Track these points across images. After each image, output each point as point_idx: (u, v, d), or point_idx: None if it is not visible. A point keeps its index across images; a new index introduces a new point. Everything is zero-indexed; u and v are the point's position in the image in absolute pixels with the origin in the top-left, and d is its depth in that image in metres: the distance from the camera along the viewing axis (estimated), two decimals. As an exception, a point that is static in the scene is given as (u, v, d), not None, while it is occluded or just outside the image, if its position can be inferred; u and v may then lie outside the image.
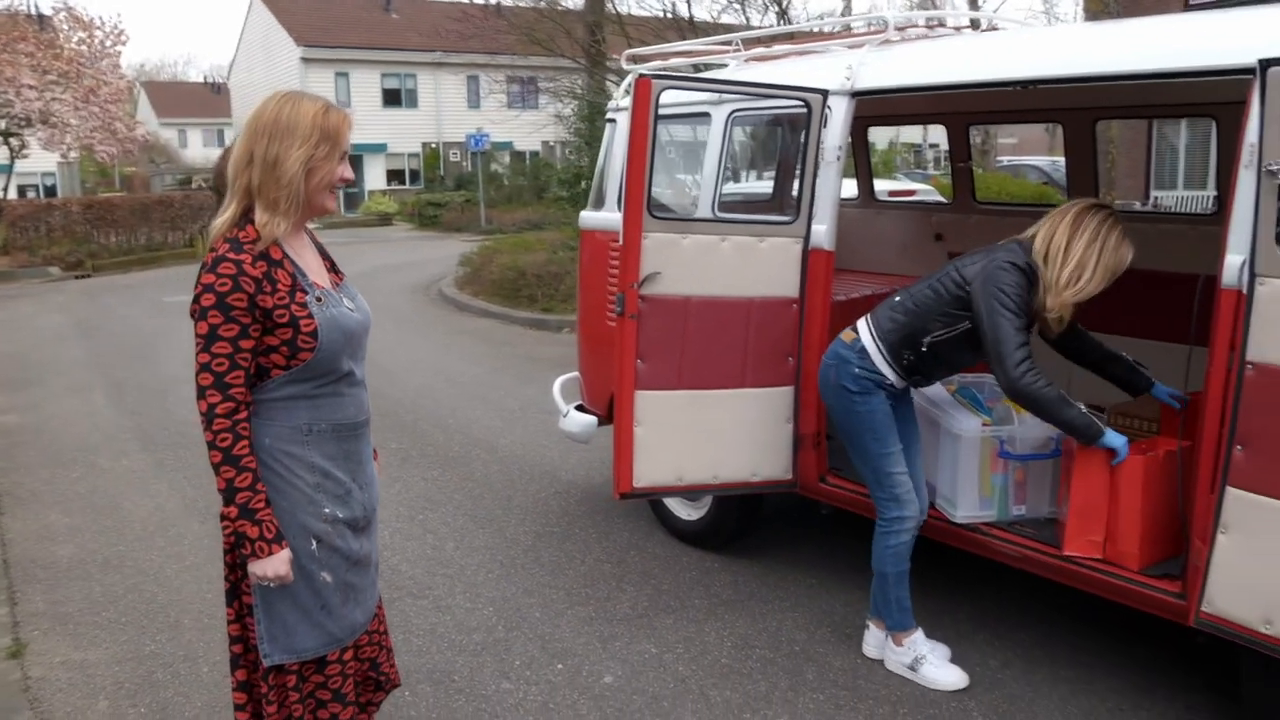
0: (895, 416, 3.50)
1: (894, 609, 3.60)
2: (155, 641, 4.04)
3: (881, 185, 11.50)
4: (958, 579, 4.35)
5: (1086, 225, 3.26)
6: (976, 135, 29.71)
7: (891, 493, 3.50)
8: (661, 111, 4.64)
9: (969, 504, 3.61)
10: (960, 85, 3.67)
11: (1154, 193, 15.29)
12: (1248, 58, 2.65)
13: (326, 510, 2.38)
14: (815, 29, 5.08)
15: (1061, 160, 15.25)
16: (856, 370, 3.47)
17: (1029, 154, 34.66)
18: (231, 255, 2.22)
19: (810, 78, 3.97)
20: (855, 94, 3.84)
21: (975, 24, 5.06)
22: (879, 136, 24.53)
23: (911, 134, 39.49)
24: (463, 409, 7.75)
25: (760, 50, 4.62)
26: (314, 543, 2.36)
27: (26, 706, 3.59)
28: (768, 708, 3.45)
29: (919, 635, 3.61)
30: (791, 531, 4.97)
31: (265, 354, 2.27)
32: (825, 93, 3.79)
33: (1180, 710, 3.38)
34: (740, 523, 4.65)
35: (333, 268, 2.53)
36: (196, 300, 2.21)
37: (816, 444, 4.01)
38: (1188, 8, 11.87)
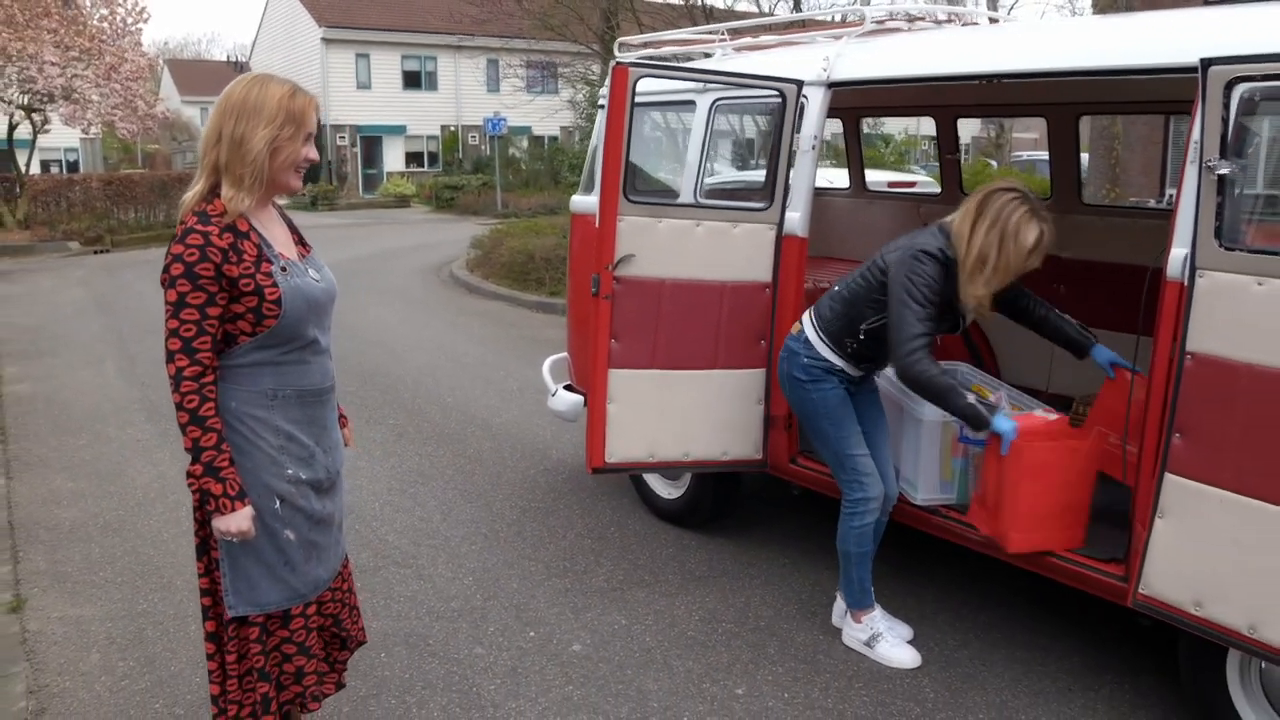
0: (856, 403, 3.61)
1: (855, 588, 3.71)
2: (148, 600, 4.20)
3: (883, 176, 11.59)
4: (924, 562, 4.46)
5: (987, 211, 3.25)
6: (991, 129, 29.66)
7: (854, 475, 3.61)
8: (650, 99, 4.76)
9: (929, 487, 3.71)
10: (932, 78, 3.77)
11: (1169, 190, 15.25)
12: (1193, 57, 2.73)
13: (290, 471, 2.52)
14: (799, 20, 5.17)
15: (1083, 156, 15.25)
16: (805, 360, 3.58)
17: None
18: (199, 227, 2.35)
19: (790, 69, 4.07)
20: (832, 85, 3.93)
21: (995, 17, 5.12)
22: (896, 128, 24.45)
23: (930, 126, 39.32)
24: (463, 388, 7.89)
25: (747, 40, 4.71)
26: (278, 502, 2.50)
27: (23, 657, 3.75)
28: (727, 678, 3.57)
29: (877, 614, 3.72)
30: (767, 512, 5.09)
31: (232, 321, 2.40)
32: (800, 83, 3.89)
33: (1128, 691, 3.48)
34: (718, 503, 4.77)
35: (300, 240, 2.66)
36: (166, 270, 2.35)
37: (788, 425, 4.13)
38: (1206, 3, 11.83)
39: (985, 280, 3.26)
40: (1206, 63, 2.65)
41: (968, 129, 39.20)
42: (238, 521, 2.40)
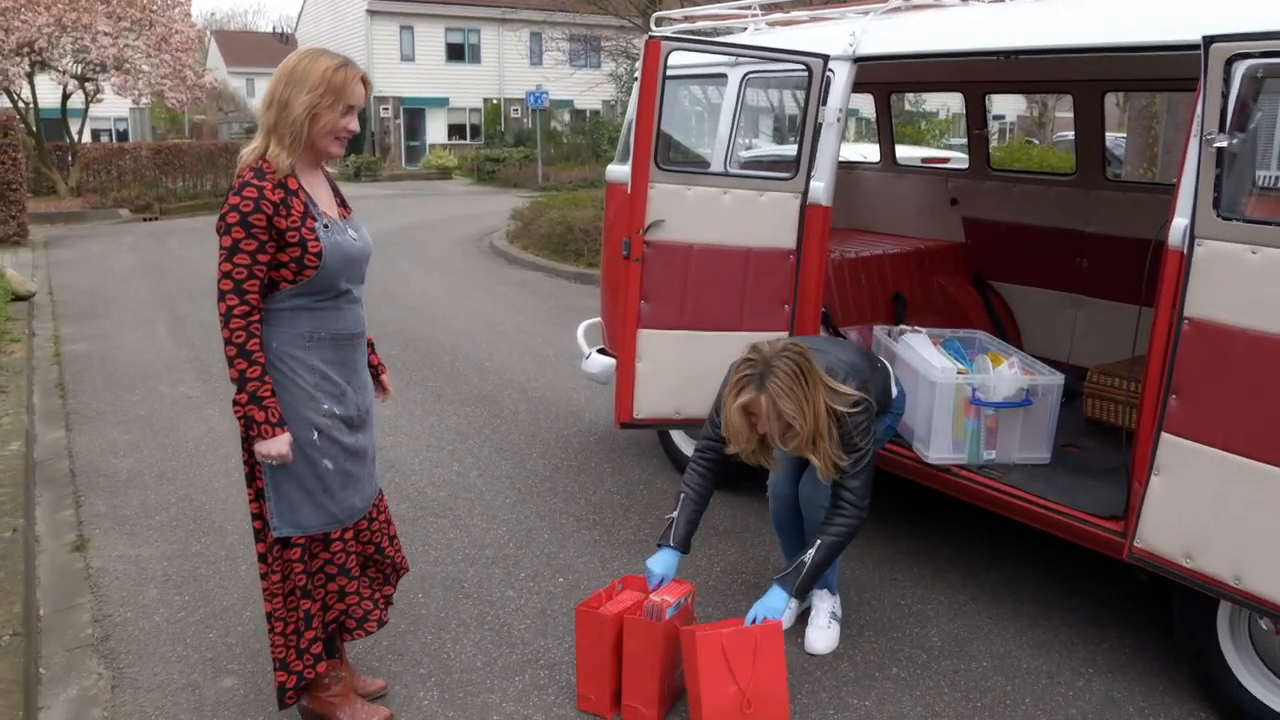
0: None
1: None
2: (200, 543, 4.46)
3: (917, 152, 11.64)
4: (942, 521, 4.62)
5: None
6: (1035, 108, 29.33)
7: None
8: (685, 73, 4.92)
9: (941, 446, 3.87)
10: (954, 53, 3.90)
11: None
12: (1196, 34, 2.85)
13: (325, 406, 2.78)
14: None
15: (1124, 136, 15.04)
16: None
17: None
18: (255, 181, 2.61)
19: (818, 43, 4.21)
20: (858, 59, 4.07)
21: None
22: (937, 104, 24.28)
23: (1010, 105, 38.78)
24: (500, 353, 8.11)
25: (779, 15, 4.85)
26: (316, 433, 2.76)
27: (88, 591, 4.04)
28: (744, 623, 3.77)
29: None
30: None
31: (276, 268, 2.66)
32: (826, 58, 4.03)
33: (1129, 645, 3.64)
34: (742, 462, 4.94)
35: (343, 203, 2.91)
36: (223, 218, 2.60)
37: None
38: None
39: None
40: (1208, 40, 2.77)
41: (1013, 107, 38.78)
42: (278, 446, 2.66)
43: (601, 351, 5.55)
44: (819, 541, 3.29)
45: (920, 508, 4.70)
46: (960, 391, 3.83)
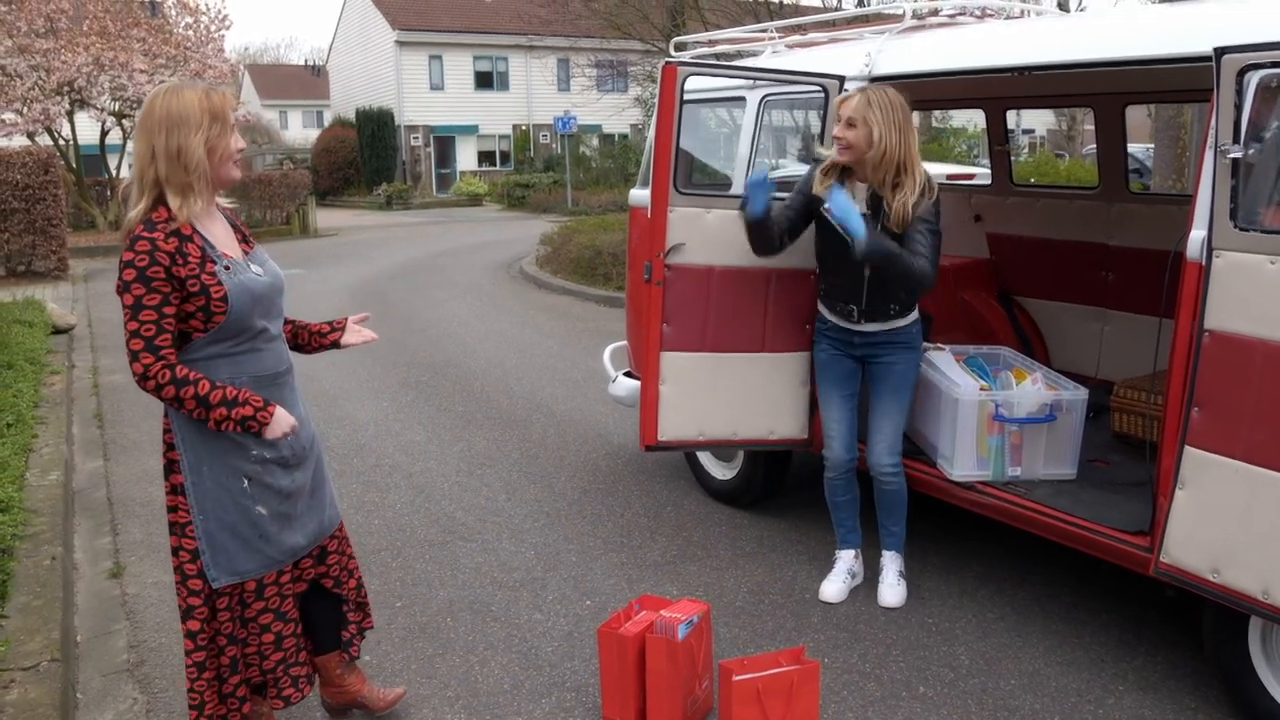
0: (869, 372, 3.92)
1: (835, 527, 4.15)
2: (234, 569, 4.52)
3: (944, 169, 11.62)
4: (969, 538, 4.60)
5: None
6: (1063, 121, 29.14)
7: (824, 433, 4.05)
8: (705, 96, 4.97)
9: (966, 463, 3.86)
10: (970, 71, 3.91)
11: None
12: (1207, 46, 2.85)
13: (254, 452, 2.71)
14: (832, 20, 5.33)
15: (1148, 147, 14.87)
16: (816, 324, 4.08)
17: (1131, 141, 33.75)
18: (145, 234, 2.52)
19: (835, 64, 4.24)
20: (874, 79, 4.09)
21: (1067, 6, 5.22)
22: (964, 119, 24.22)
23: (1040, 120, 38.60)
24: (529, 378, 8.17)
25: (796, 38, 4.89)
26: (245, 481, 2.71)
27: (124, 617, 4.11)
28: (771, 644, 3.77)
29: (842, 554, 4.19)
30: (815, 492, 5.22)
31: (185, 320, 2.58)
32: (842, 79, 4.06)
33: (1160, 663, 3.60)
34: (769, 483, 4.96)
35: (244, 238, 2.84)
36: (120, 276, 2.53)
37: (833, 407, 4.30)
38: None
39: None
40: (1220, 51, 2.78)
41: (1042, 121, 38.56)
42: (281, 424, 2.66)
43: (628, 375, 5.58)
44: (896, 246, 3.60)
45: (946, 525, 4.69)
46: (984, 408, 3.82)
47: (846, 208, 3.49)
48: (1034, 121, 38.63)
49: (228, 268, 2.64)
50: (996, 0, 4.36)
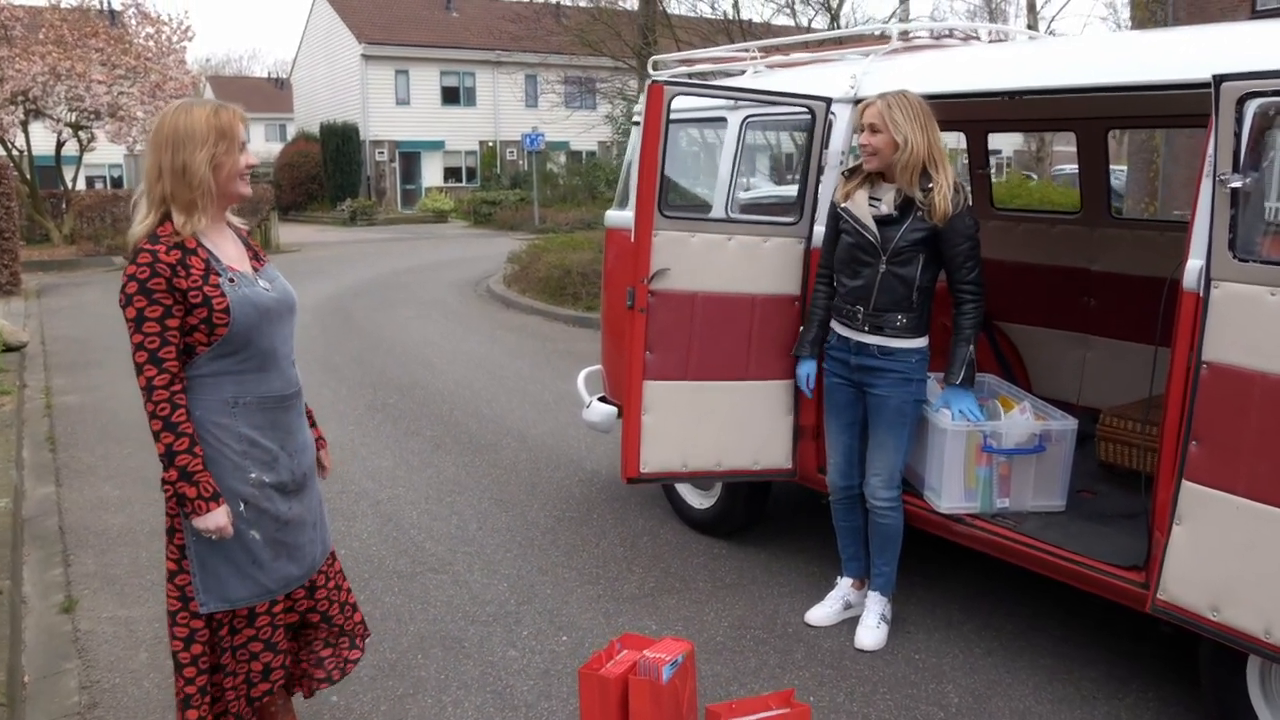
0: (867, 401, 3.83)
1: (839, 551, 4.12)
2: (193, 603, 4.34)
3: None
4: (953, 570, 4.51)
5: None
6: (1032, 143, 29.45)
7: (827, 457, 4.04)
8: (683, 116, 4.87)
9: (953, 495, 3.77)
10: (954, 94, 3.85)
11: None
12: (1206, 72, 2.80)
13: (253, 475, 2.66)
14: (822, 39, 5.27)
15: (1124, 169, 14.99)
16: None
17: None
18: (147, 246, 2.51)
19: (819, 86, 4.16)
20: (859, 102, 4.02)
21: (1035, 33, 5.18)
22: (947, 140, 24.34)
23: (1007, 140, 38.86)
24: (499, 400, 8.02)
25: (778, 58, 4.81)
26: (242, 504, 2.65)
27: (75, 655, 3.91)
28: (754, 681, 3.65)
29: (840, 581, 4.15)
30: (796, 521, 5.16)
31: (189, 333, 2.55)
32: (829, 100, 3.99)
33: (1152, 700, 3.52)
34: (749, 512, 4.85)
35: (255, 255, 2.80)
36: (123, 290, 2.51)
37: (816, 435, 4.20)
38: (1254, 14, 11.76)
39: None
40: (1219, 79, 2.72)
41: (1010, 142, 38.91)
42: (215, 519, 2.56)
43: (602, 399, 5.46)
44: (962, 335, 3.73)
45: (929, 555, 4.59)
46: (972, 439, 3.74)
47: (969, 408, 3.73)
48: (1000, 143, 39.02)
49: (232, 280, 2.61)
50: (972, 24, 4.31)
